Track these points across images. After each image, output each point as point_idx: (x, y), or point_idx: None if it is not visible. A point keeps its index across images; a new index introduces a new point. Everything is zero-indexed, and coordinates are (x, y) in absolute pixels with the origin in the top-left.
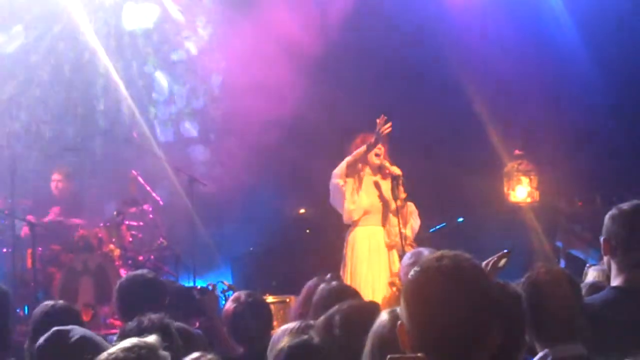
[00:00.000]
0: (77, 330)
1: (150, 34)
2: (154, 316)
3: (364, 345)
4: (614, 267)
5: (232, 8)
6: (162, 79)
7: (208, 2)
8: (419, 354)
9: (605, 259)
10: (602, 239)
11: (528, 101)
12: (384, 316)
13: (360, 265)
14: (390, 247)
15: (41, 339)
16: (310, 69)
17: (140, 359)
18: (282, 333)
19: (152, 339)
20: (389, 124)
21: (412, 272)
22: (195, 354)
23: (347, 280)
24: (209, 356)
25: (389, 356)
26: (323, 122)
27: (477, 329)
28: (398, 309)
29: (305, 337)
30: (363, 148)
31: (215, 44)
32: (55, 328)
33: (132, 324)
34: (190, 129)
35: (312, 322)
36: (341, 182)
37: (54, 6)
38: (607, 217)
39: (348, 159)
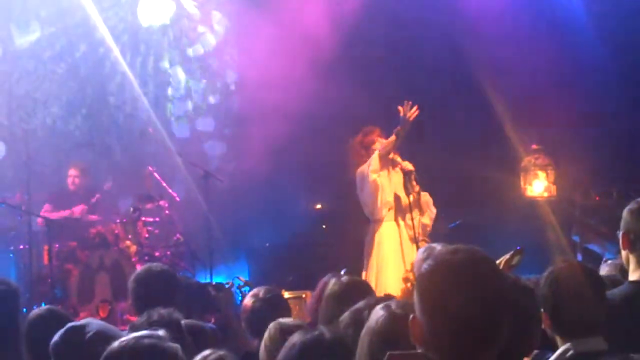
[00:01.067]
0: (92, 325)
1: (166, 29)
2: (163, 311)
3: None
4: (632, 261)
5: (247, 3)
6: (178, 75)
7: None
8: (419, 351)
9: (623, 253)
10: (620, 233)
11: (545, 95)
12: (379, 312)
13: (386, 261)
14: (412, 241)
15: (56, 337)
16: (326, 63)
17: (151, 347)
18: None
19: (161, 332)
20: (415, 108)
21: (425, 265)
22: (207, 352)
23: (372, 277)
24: (220, 353)
25: (388, 353)
26: (339, 116)
27: (490, 324)
28: (392, 304)
29: (317, 332)
30: (393, 138)
31: (230, 39)
32: (70, 324)
33: (141, 319)
34: (206, 124)
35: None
36: (378, 177)
37: (69, 2)
38: (625, 211)
39: (379, 152)
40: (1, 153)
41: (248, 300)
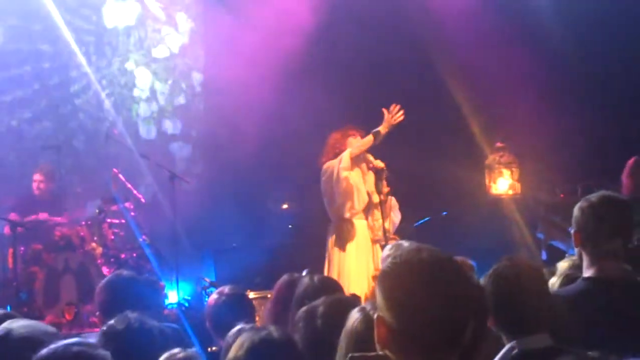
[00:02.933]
0: (14, 333)
1: (131, 31)
2: (131, 315)
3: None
4: (585, 258)
5: (212, 4)
6: (143, 76)
7: None
8: (380, 353)
9: (576, 250)
10: (572, 231)
11: (510, 93)
12: (355, 314)
13: (349, 259)
14: (374, 242)
15: None
16: (294, 63)
17: (79, 354)
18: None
19: (91, 340)
20: (400, 113)
21: (388, 263)
22: (174, 350)
23: (335, 275)
24: (188, 351)
25: (349, 355)
26: (306, 118)
27: (454, 324)
28: (368, 306)
29: (266, 332)
30: (370, 138)
31: (196, 41)
32: None
33: (110, 323)
34: (172, 126)
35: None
36: (349, 175)
37: (33, 5)
38: (576, 208)
39: (352, 151)
40: None
41: (212, 297)
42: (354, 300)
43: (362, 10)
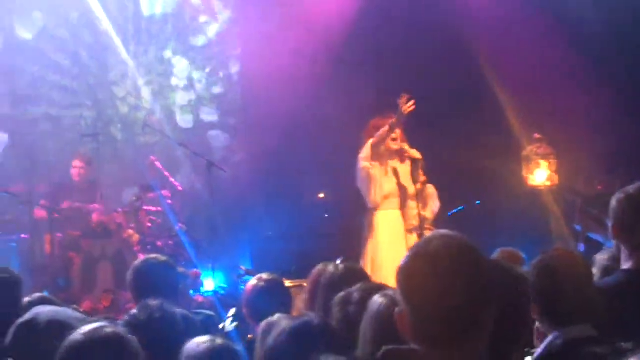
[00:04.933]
0: (42, 317)
1: (168, 19)
2: (153, 303)
3: None
4: (623, 250)
5: None
6: (181, 65)
7: None
8: (412, 346)
9: (614, 242)
10: (610, 223)
11: (548, 84)
12: (378, 299)
13: (381, 249)
14: (409, 231)
15: (8, 337)
16: (328, 53)
17: (111, 336)
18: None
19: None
20: (411, 102)
21: (403, 258)
22: (200, 338)
23: (368, 264)
24: (219, 340)
25: (383, 348)
26: (342, 106)
27: (471, 311)
28: (390, 291)
29: (306, 317)
30: (386, 128)
31: (233, 29)
32: (18, 321)
33: (133, 312)
34: (209, 114)
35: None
36: (368, 165)
37: None
38: (613, 200)
39: (372, 140)
40: (4, 143)
41: (251, 283)
42: (387, 289)
43: (399, 1)
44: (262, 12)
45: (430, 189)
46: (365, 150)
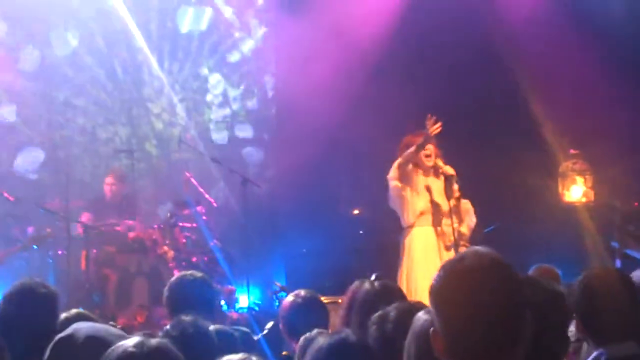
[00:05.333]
0: (80, 332)
1: (204, 36)
2: (186, 318)
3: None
4: None
5: (285, 9)
6: (216, 81)
7: (260, 4)
8: None
9: None
10: None
11: (584, 99)
12: (422, 316)
13: (415, 266)
14: (446, 248)
15: (47, 352)
16: (367, 67)
17: (159, 349)
18: None
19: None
20: (438, 124)
21: (435, 277)
22: (240, 355)
23: (403, 282)
24: (254, 358)
25: None
26: (378, 121)
27: (505, 329)
28: None
29: (343, 334)
30: (413, 149)
31: (268, 45)
32: (58, 336)
33: (166, 328)
34: (244, 130)
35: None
36: (399, 184)
37: (107, 8)
38: None
39: (399, 160)
40: (40, 159)
41: (288, 299)
42: (424, 307)
43: (436, 15)
44: (296, 28)
45: (467, 205)
46: (393, 171)
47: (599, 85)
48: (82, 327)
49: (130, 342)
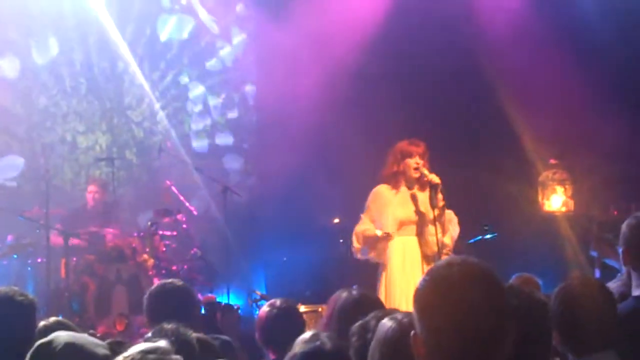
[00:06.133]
0: (60, 339)
1: (184, 44)
2: (168, 326)
3: None
4: (635, 276)
5: (265, 18)
6: (196, 90)
7: (241, 12)
8: None
9: (625, 268)
10: (620, 249)
11: (564, 109)
12: (387, 323)
13: (395, 275)
14: (427, 258)
15: (27, 358)
16: (344, 77)
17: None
18: None
19: (163, 343)
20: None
21: (421, 282)
22: None
23: (383, 291)
24: None
25: None
26: (358, 130)
27: (489, 338)
28: (399, 315)
29: (318, 343)
30: (374, 236)
31: (249, 54)
32: (37, 342)
33: (147, 336)
34: (224, 139)
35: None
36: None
37: (87, 17)
38: (624, 225)
39: (362, 235)
40: (20, 167)
41: (264, 309)
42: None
43: (415, 23)
44: (278, 37)
45: (450, 215)
46: (355, 243)
47: (579, 96)
48: (61, 335)
49: (136, 348)
